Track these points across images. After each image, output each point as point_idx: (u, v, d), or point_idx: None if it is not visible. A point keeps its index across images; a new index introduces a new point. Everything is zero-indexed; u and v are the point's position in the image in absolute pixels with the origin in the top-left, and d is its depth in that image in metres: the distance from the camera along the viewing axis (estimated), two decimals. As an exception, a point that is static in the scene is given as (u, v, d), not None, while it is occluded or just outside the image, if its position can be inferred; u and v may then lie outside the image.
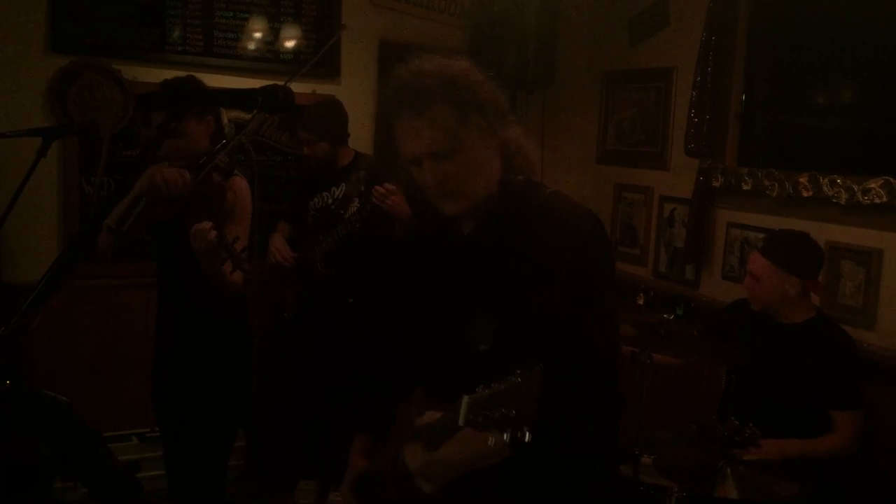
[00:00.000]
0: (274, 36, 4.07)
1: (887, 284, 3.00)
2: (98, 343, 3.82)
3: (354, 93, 4.18)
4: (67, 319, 3.69)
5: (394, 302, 1.91)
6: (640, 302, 4.00)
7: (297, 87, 2.71)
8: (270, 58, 4.06)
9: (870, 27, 3.26)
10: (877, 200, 2.97)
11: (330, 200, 3.66)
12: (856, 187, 3.04)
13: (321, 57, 4.13)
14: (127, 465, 3.45)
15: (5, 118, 3.45)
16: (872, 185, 2.99)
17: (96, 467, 2.95)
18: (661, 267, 4.17)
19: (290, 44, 4.10)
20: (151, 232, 2.82)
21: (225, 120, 2.80)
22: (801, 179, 3.27)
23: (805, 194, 3.26)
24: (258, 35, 4.03)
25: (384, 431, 1.88)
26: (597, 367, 1.55)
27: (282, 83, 1.53)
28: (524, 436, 1.20)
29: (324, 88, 4.14)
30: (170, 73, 3.76)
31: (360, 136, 4.13)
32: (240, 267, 2.40)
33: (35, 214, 3.56)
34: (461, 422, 1.30)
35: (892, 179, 2.94)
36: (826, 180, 3.17)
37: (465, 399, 1.31)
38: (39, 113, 3.59)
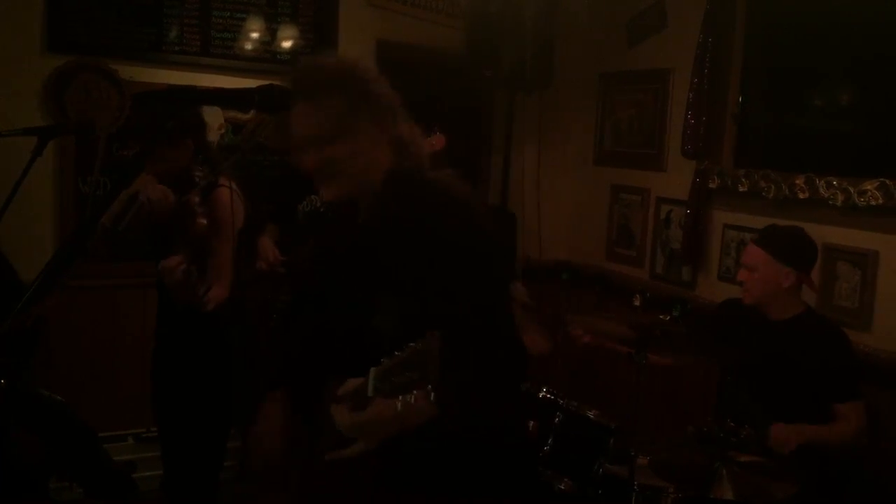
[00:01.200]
0: (271, 36, 4.07)
1: (883, 286, 3.00)
2: (95, 343, 3.81)
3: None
4: (64, 319, 3.68)
5: (314, 293, 2.04)
6: (637, 303, 4.00)
7: (295, 88, 2.71)
8: (268, 58, 4.06)
9: (866, 29, 3.27)
10: (873, 202, 2.98)
11: (318, 203, 3.66)
12: (852, 189, 3.05)
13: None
14: (123, 466, 3.45)
15: (2, 117, 3.44)
16: (868, 187, 2.99)
17: (92, 467, 2.95)
18: (658, 268, 4.17)
19: (287, 44, 4.10)
20: (149, 233, 2.81)
21: (221, 120, 2.81)
22: (798, 181, 3.27)
23: (801, 196, 3.26)
24: (255, 35, 4.03)
25: (308, 411, 1.92)
26: (492, 332, 1.63)
27: (279, 84, 1.54)
28: (429, 395, 1.31)
29: (321, 89, 4.14)
30: (167, 73, 3.78)
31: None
32: (203, 308, 2.49)
33: (31, 214, 3.55)
34: (370, 392, 1.44)
35: (888, 181, 2.94)
36: (822, 182, 3.18)
37: (372, 371, 1.44)
38: (36, 112, 3.59)
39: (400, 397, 1.35)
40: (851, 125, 3.44)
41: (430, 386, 1.31)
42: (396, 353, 1.39)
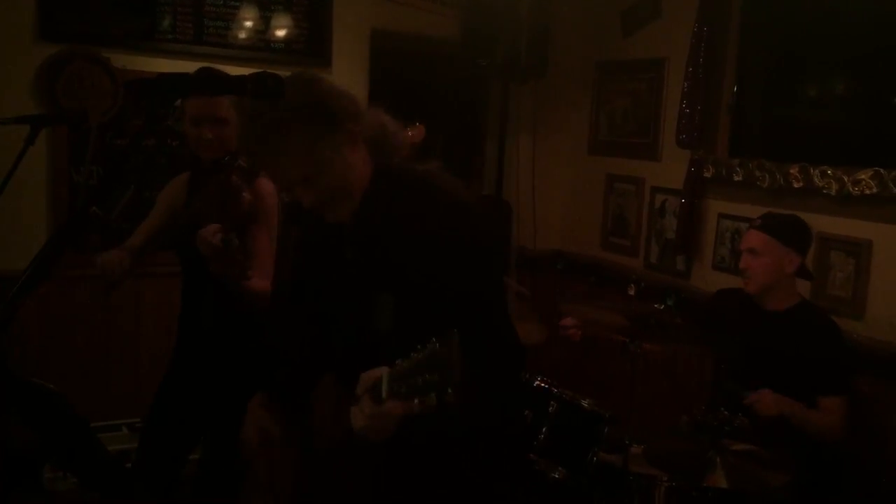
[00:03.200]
0: (265, 25, 4.04)
1: (877, 275, 3.01)
2: (88, 333, 3.80)
3: (346, 82, 4.14)
4: (58, 309, 3.67)
5: (296, 300, 1.97)
6: (631, 293, 4.00)
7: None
8: (261, 46, 4.04)
9: (862, 19, 3.26)
10: (867, 191, 2.98)
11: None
12: (846, 178, 3.05)
13: (312, 45, 4.13)
14: (117, 455, 3.44)
15: (-7, 106, 3.43)
16: (863, 177, 3.00)
17: (86, 457, 2.94)
18: (652, 258, 4.17)
19: (280, 32, 4.08)
20: (180, 234, 2.73)
21: None
22: (792, 170, 3.28)
23: (796, 185, 3.26)
24: (249, 24, 4.00)
25: (293, 404, 1.91)
26: (492, 327, 1.64)
27: (272, 71, 1.51)
28: (450, 397, 1.28)
29: (315, 78, 4.13)
30: (160, 62, 3.76)
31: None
32: (242, 276, 2.32)
33: (23, 203, 3.53)
34: (384, 395, 1.37)
35: (882, 171, 2.95)
36: (817, 171, 3.18)
37: (385, 372, 1.38)
38: (28, 101, 3.56)
39: (417, 399, 1.32)
40: (846, 115, 3.44)
41: (449, 389, 1.28)
42: (413, 353, 1.34)
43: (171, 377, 2.80)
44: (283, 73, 1.52)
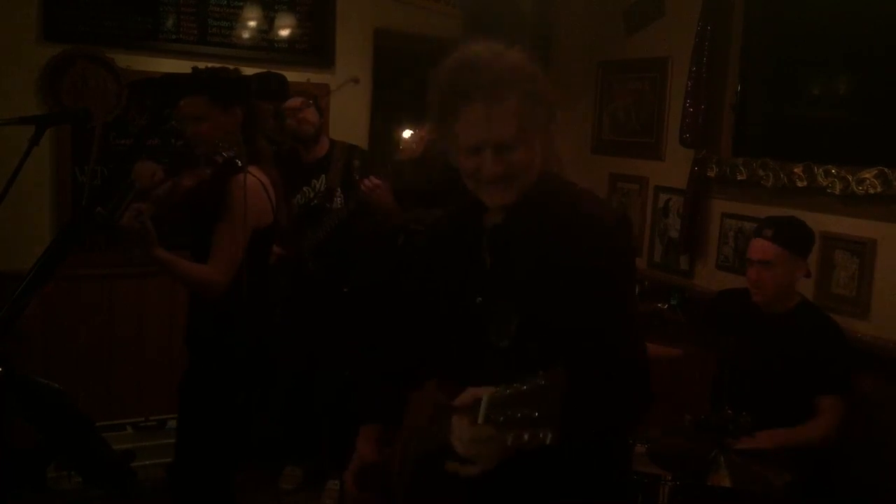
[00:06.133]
0: (269, 24, 4.05)
1: (881, 275, 3.00)
2: (92, 332, 3.81)
3: (349, 82, 4.17)
4: (62, 308, 3.68)
5: (410, 293, 1.89)
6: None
7: (292, 76, 2.70)
8: (265, 46, 4.05)
9: (865, 18, 3.26)
10: (871, 191, 2.98)
11: (312, 194, 3.66)
12: (850, 177, 3.05)
13: (315, 45, 4.13)
14: (122, 455, 3.45)
15: (-2, 106, 3.43)
16: (867, 176, 2.99)
17: (90, 456, 2.93)
18: (656, 257, 4.17)
19: (284, 32, 4.08)
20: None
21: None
22: (796, 170, 3.27)
23: (800, 184, 3.26)
24: (252, 24, 4.01)
25: (392, 422, 1.83)
26: (621, 363, 1.55)
27: (276, 70, 1.51)
28: (546, 438, 1.20)
29: (318, 77, 4.13)
30: (164, 62, 3.77)
31: (356, 126, 4.12)
32: (133, 247, 2.34)
33: (28, 203, 3.54)
34: (480, 420, 1.27)
35: (886, 170, 2.94)
36: (821, 170, 3.18)
37: (485, 397, 1.27)
38: (32, 101, 3.57)
39: (512, 434, 1.22)
40: (850, 113, 3.44)
41: (548, 429, 1.19)
42: (516, 383, 1.24)
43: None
44: (287, 73, 1.52)
